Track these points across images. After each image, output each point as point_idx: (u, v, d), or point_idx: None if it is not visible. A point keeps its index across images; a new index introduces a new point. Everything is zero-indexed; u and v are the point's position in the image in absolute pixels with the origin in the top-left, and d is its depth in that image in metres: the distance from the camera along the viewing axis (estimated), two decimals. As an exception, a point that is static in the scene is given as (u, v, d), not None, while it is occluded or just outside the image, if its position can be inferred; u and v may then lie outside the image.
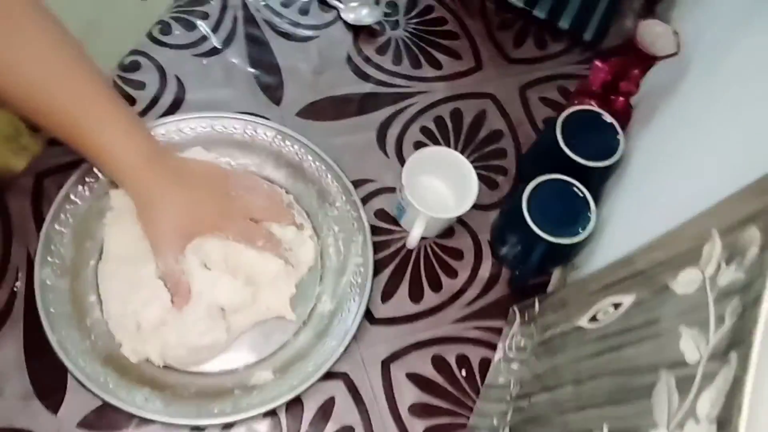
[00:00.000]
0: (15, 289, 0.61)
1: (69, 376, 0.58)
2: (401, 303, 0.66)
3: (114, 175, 0.58)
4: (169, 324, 0.58)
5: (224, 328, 0.59)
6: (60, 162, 0.67)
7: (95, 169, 0.63)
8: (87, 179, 0.64)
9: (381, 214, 0.70)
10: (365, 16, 0.81)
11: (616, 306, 0.46)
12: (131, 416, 0.57)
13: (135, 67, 0.74)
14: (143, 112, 0.71)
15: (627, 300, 0.45)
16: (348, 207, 0.67)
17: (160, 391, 0.57)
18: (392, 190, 0.71)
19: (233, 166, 0.68)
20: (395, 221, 0.70)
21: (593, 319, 0.49)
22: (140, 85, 0.73)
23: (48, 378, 0.58)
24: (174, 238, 0.58)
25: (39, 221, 0.64)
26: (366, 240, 0.65)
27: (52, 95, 0.51)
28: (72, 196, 0.63)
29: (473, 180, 0.65)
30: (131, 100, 0.72)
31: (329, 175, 0.68)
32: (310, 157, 0.68)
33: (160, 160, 0.58)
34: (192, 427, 0.57)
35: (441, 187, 0.70)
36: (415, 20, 0.83)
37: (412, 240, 0.65)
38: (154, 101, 0.72)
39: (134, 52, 0.75)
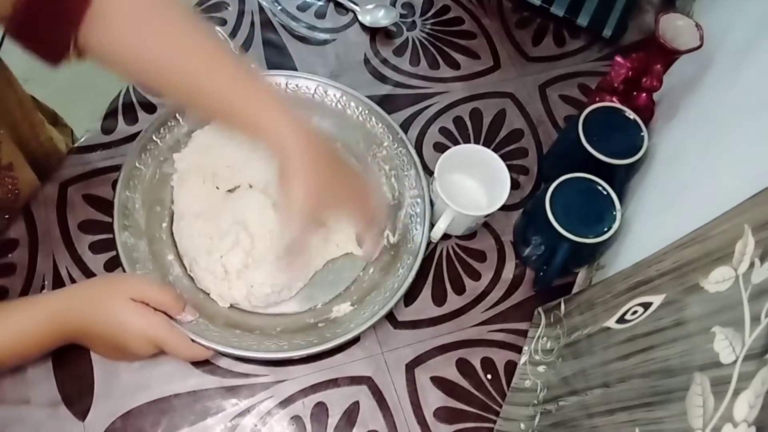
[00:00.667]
0: (41, 297, 0.62)
1: (95, 382, 0.58)
2: (424, 306, 0.65)
3: (271, 145, 0.53)
4: (252, 266, 0.61)
5: (303, 265, 0.63)
6: (83, 171, 0.68)
7: (154, 137, 0.67)
8: (148, 147, 0.67)
9: (402, 216, 0.69)
10: (381, 17, 0.81)
11: (645, 306, 0.46)
12: (159, 419, 0.58)
13: (154, 75, 0.75)
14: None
15: (656, 300, 0.45)
16: (396, 145, 0.70)
17: (250, 332, 0.60)
18: (412, 192, 0.71)
19: None
20: (416, 223, 0.69)
21: (621, 319, 0.48)
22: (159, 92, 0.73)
23: (75, 385, 0.58)
24: (315, 204, 0.53)
25: (64, 229, 0.65)
26: (418, 172, 0.68)
27: (208, 82, 0.52)
28: (137, 164, 0.66)
29: (505, 178, 0.64)
30: (151, 108, 0.72)
31: (373, 118, 0.71)
32: (353, 104, 0.71)
33: (315, 138, 0.54)
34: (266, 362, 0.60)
35: (474, 186, 0.70)
36: (431, 21, 0.83)
37: (437, 233, 0.65)
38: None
39: (153, 60, 0.75)
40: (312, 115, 0.70)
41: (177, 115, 0.68)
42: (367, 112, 0.71)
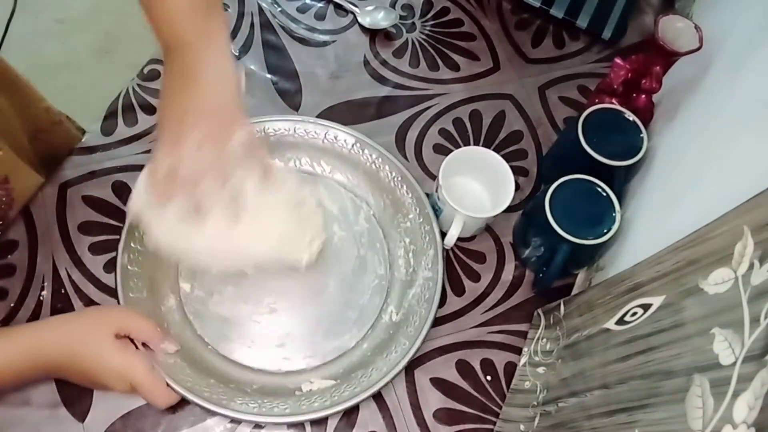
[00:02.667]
0: (41, 297, 0.62)
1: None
2: (423, 307, 0.65)
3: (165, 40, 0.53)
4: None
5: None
6: (83, 172, 0.68)
7: None
8: None
9: (401, 217, 0.69)
10: (381, 19, 0.81)
11: (645, 307, 0.46)
12: (159, 419, 0.58)
13: (154, 76, 0.75)
14: (163, 121, 0.72)
15: (656, 301, 0.45)
16: (421, 219, 0.66)
17: (225, 385, 0.58)
18: (412, 193, 0.71)
19: (311, 169, 0.69)
20: (416, 225, 0.69)
21: (621, 321, 0.48)
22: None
23: (75, 386, 0.58)
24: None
25: (64, 230, 0.65)
26: (437, 254, 0.64)
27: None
28: None
29: (509, 178, 0.64)
30: (151, 109, 0.72)
31: (405, 186, 0.67)
32: (387, 167, 0.68)
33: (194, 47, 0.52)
34: (231, 420, 0.58)
35: (477, 187, 0.70)
36: (431, 22, 0.83)
37: (450, 239, 0.64)
38: (174, 110, 0.72)
39: (153, 60, 0.76)
40: (347, 169, 0.69)
41: None
42: (399, 179, 0.67)
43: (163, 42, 0.53)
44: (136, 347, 0.56)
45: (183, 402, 0.57)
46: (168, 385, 0.55)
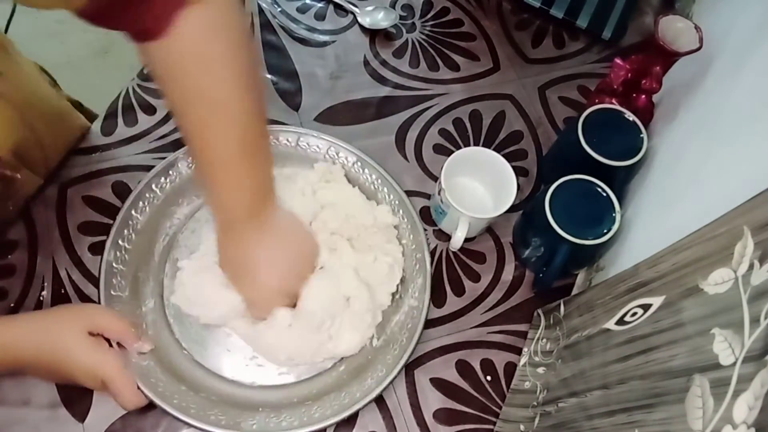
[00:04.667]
0: (41, 297, 0.62)
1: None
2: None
3: (219, 222, 0.58)
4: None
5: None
6: (83, 172, 0.68)
7: (179, 164, 0.65)
8: (170, 172, 0.65)
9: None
10: (381, 19, 0.81)
11: (645, 308, 0.46)
12: (159, 420, 0.58)
13: (154, 76, 0.75)
14: (163, 120, 0.72)
15: (656, 301, 0.45)
16: (414, 246, 0.65)
17: (195, 393, 0.58)
18: (413, 193, 0.71)
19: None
20: (416, 225, 0.69)
21: (621, 321, 0.48)
22: (160, 94, 0.73)
23: (74, 387, 0.58)
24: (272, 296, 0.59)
25: (64, 231, 0.65)
26: (425, 284, 0.62)
27: (211, 155, 0.53)
28: (153, 186, 0.64)
29: (511, 177, 0.64)
30: (151, 109, 0.72)
31: (401, 211, 0.67)
32: (386, 189, 0.68)
33: (262, 215, 0.57)
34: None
35: (478, 188, 0.70)
36: (431, 22, 0.83)
37: (456, 242, 0.64)
38: (174, 110, 0.73)
39: (153, 61, 0.75)
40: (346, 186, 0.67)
41: None
42: (397, 202, 0.67)
43: (222, 214, 0.57)
44: (111, 345, 0.56)
45: (152, 407, 0.57)
46: (138, 387, 0.55)
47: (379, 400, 0.61)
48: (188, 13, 0.46)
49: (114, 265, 0.61)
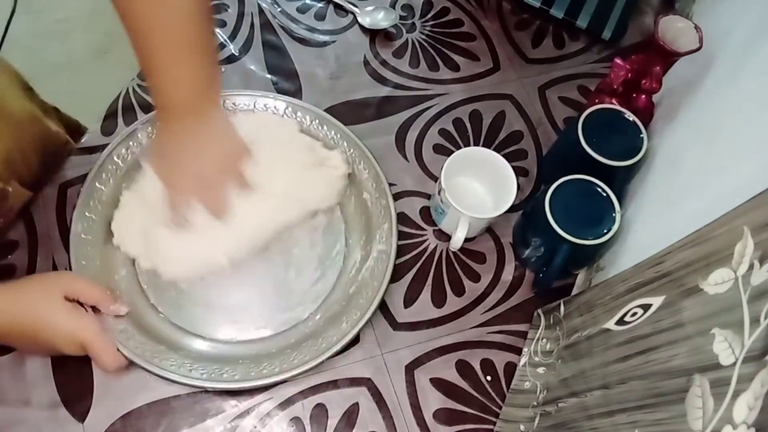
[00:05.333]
0: (41, 298, 0.61)
1: (95, 384, 0.58)
2: (424, 308, 0.65)
3: (158, 110, 0.60)
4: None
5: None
6: (83, 172, 0.68)
7: (138, 134, 0.68)
8: (131, 143, 0.67)
9: (402, 217, 0.69)
10: (381, 19, 0.81)
11: (645, 308, 0.46)
12: (159, 420, 0.58)
13: (154, 76, 0.75)
14: (163, 121, 0.72)
15: (656, 301, 0.45)
16: (377, 195, 0.68)
17: (175, 352, 0.59)
18: (413, 193, 0.71)
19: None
20: (417, 225, 0.69)
21: (621, 321, 0.48)
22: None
23: (74, 386, 0.58)
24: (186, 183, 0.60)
25: (63, 230, 0.65)
26: (392, 228, 0.65)
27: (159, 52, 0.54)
28: (115, 158, 0.66)
29: (511, 177, 0.64)
30: (151, 110, 0.72)
31: (362, 162, 0.69)
32: (345, 143, 0.70)
33: (200, 109, 0.59)
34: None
35: (478, 188, 0.70)
36: (431, 22, 0.83)
37: (456, 242, 0.64)
38: (174, 110, 0.73)
39: (153, 61, 0.75)
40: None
41: None
42: (356, 155, 0.69)
43: (160, 103, 0.58)
44: (86, 311, 0.57)
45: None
46: (117, 349, 0.57)
47: (379, 400, 0.61)
48: None
49: (83, 236, 0.62)
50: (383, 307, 0.65)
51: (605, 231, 0.59)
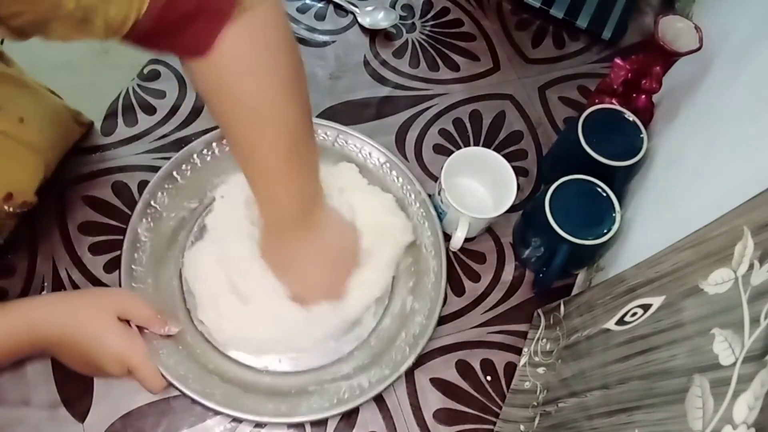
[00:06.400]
0: (41, 298, 0.61)
1: (95, 384, 0.58)
2: (423, 307, 0.65)
3: (267, 224, 0.60)
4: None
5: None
6: (83, 172, 0.68)
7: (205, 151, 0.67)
8: (192, 159, 0.66)
9: (401, 218, 0.69)
10: (381, 19, 0.81)
11: (645, 308, 0.46)
12: (159, 420, 0.58)
13: (155, 76, 0.75)
14: (163, 121, 0.72)
15: (656, 301, 0.45)
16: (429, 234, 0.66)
17: (219, 377, 0.58)
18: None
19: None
20: (416, 225, 0.69)
21: (621, 321, 0.48)
22: (160, 94, 0.73)
23: (75, 386, 0.58)
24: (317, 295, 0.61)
25: (64, 231, 0.65)
26: (441, 276, 0.64)
27: (260, 169, 0.54)
28: (174, 173, 0.66)
29: (511, 177, 0.64)
30: (151, 109, 0.72)
31: (412, 195, 0.68)
32: (395, 172, 0.69)
33: (310, 218, 0.58)
34: (232, 419, 0.57)
35: (478, 188, 0.70)
36: (431, 22, 0.83)
37: (456, 242, 0.64)
38: (174, 109, 0.73)
39: (153, 61, 0.75)
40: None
41: None
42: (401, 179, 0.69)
43: (270, 214, 0.58)
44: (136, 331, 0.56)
45: (180, 400, 0.57)
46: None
47: (379, 400, 0.61)
48: (231, 28, 0.45)
49: (134, 257, 0.62)
50: (383, 307, 0.65)
51: (605, 231, 0.59)
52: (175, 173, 0.65)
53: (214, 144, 0.67)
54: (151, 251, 0.62)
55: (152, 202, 0.64)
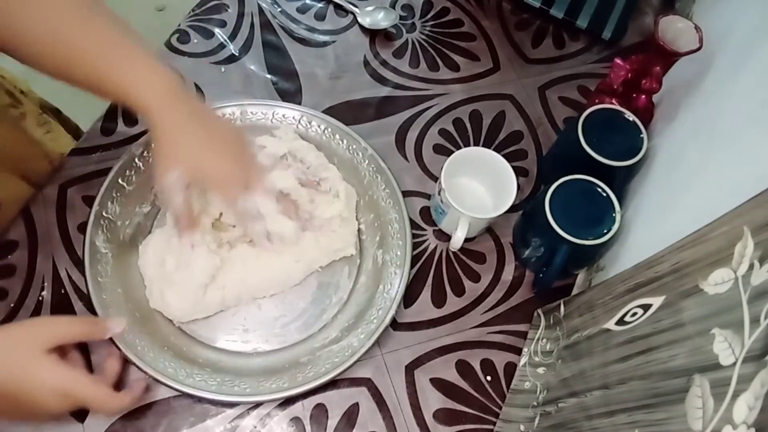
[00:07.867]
0: (41, 297, 0.61)
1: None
2: (424, 308, 0.65)
3: (140, 111, 0.54)
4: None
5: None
6: (83, 172, 0.68)
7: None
8: (144, 155, 0.66)
9: (401, 218, 0.69)
10: (381, 19, 0.81)
11: (645, 308, 0.46)
12: (159, 420, 0.58)
13: (154, 76, 0.75)
14: (163, 121, 0.72)
15: (656, 301, 0.45)
16: (397, 221, 0.67)
17: (184, 361, 0.59)
18: (413, 193, 0.71)
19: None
20: (417, 225, 0.69)
21: (621, 321, 0.48)
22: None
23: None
24: (184, 168, 0.55)
25: (64, 231, 0.65)
26: (405, 255, 0.64)
27: (70, 46, 0.50)
28: (120, 181, 0.65)
29: (511, 177, 0.64)
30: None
31: (379, 177, 0.69)
32: (359, 155, 0.69)
33: (184, 97, 0.55)
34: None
35: (478, 188, 0.70)
36: (431, 22, 0.83)
37: (456, 242, 0.64)
38: (174, 110, 0.72)
39: (153, 61, 0.75)
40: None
41: None
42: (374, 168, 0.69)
43: (141, 101, 0.53)
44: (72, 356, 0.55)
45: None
46: (128, 359, 0.56)
47: (379, 400, 0.61)
48: None
49: (102, 249, 0.62)
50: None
51: (605, 231, 0.59)
52: (120, 180, 0.65)
53: (153, 145, 0.66)
54: (114, 261, 0.62)
55: (104, 213, 0.63)
